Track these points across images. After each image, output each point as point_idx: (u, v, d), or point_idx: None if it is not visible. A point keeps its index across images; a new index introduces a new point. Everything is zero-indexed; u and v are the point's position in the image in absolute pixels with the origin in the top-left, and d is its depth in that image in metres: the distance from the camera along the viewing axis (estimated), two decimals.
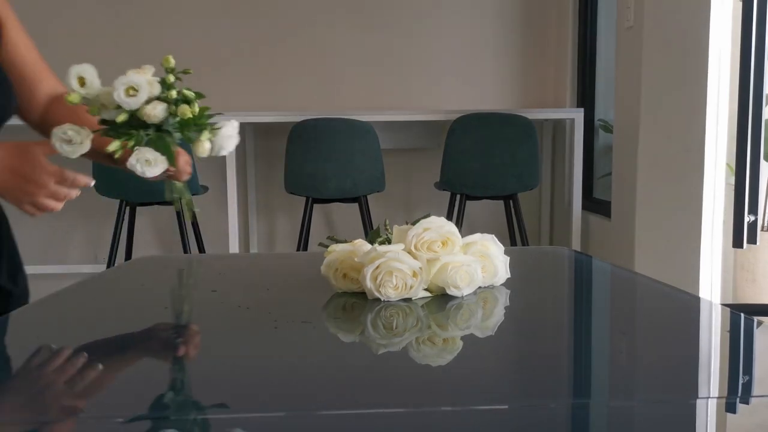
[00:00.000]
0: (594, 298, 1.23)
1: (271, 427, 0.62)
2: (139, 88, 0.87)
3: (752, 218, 2.33)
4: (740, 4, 2.33)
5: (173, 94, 0.93)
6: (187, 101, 0.94)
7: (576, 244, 3.69)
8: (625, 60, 2.97)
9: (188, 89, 0.98)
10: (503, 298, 1.07)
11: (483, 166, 3.49)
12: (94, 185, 1.17)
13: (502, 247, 1.08)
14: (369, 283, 0.97)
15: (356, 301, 1.00)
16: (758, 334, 0.91)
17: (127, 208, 3.54)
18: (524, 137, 3.50)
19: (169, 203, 1.31)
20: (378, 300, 0.98)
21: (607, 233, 3.33)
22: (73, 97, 0.92)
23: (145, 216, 3.99)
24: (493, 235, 1.09)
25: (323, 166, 3.37)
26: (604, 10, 3.81)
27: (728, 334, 0.93)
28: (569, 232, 3.77)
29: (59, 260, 4.07)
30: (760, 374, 0.76)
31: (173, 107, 0.92)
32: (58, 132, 0.96)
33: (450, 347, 0.84)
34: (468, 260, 1.01)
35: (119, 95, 0.87)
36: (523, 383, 0.73)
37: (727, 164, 2.65)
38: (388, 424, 0.62)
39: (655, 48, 2.72)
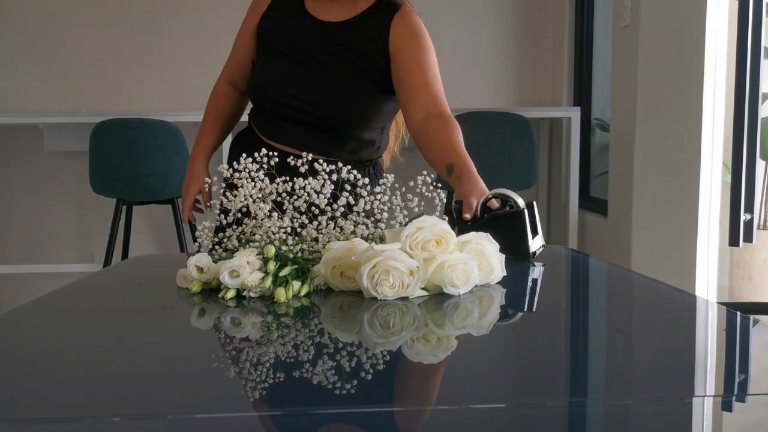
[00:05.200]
0: (590, 296, 1.24)
1: (268, 426, 0.62)
2: (241, 270, 1.01)
3: (748, 217, 2.33)
4: (736, 3, 2.33)
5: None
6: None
7: (572, 243, 3.69)
8: (622, 59, 2.97)
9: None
10: (499, 297, 1.07)
11: (480, 164, 3.46)
12: (91, 184, 1.23)
13: (497, 245, 1.08)
14: (366, 282, 0.97)
15: (353, 300, 1.00)
16: (754, 332, 0.91)
17: (124, 207, 3.54)
18: (521, 136, 3.50)
19: (166, 202, 1.36)
20: (375, 299, 0.98)
21: (604, 232, 3.33)
22: (194, 285, 1.07)
23: (141, 215, 3.98)
24: (488, 234, 1.09)
25: None
26: (600, 9, 3.80)
27: (724, 332, 0.93)
28: (566, 231, 3.77)
29: (56, 260, 4.06)
30: (756, 372, 0.76)
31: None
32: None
33: (446, 346, 0.84)
34: (464, 258, 1.01)
35: (224, 278, 1.02)
36: (519, 382, 0.73)
37: (724, 163, 2.66)
38: (384, 423, 0.62)
39: (652, 47, 2.73)
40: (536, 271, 1.27)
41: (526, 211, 1.29)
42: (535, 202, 1.33)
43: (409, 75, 1.72)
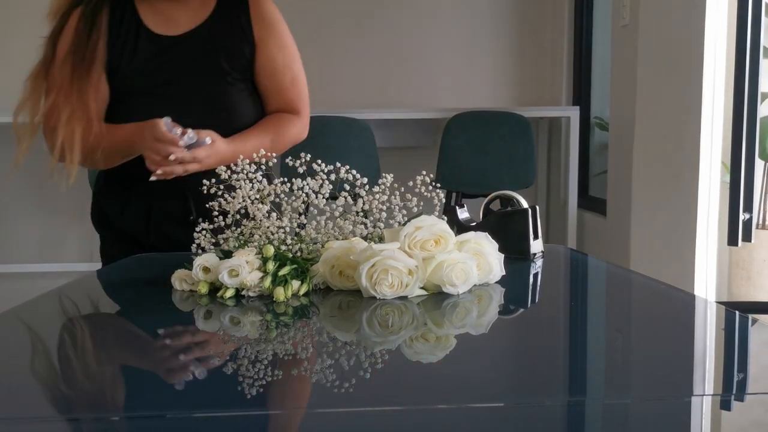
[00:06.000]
0: (589, 296, 1.24)
1: (267, 425, 0.62)
2: (240, 269, 1.01)
3: (747, 216, 2.33)
4: (735, 2, 2.33)
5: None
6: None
7: (571, 242, 3.69)
8: (621, 58, 2.97)
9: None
10: (498, 296, 1.07)
11: (478, 164, 3.49)
12: (91, 184, 1.23)
13: (496, 245, 1.09)
14: (364, 281, 0.97)
15: (352, 300, 1.00)
16: (753, 331, 0.91)
17: None
18: (520, 135, 3.50)
19: None
20: (374, 298, 0.98)
21: (603, 231, 3.33)
22: (202, 286, 1.05)
23: None
24: (487, 233, 1.09)
25: None
26: (599, 8, 3.80)
27: (723, 331, 0.94)
28: (565, 230, 3.77)
29: (55, 258, 4.06)
30: (754, 372, 0.76)
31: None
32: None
33: (445, 345, 0.85)
34: (463, 257, 1.01)
35: (223, 277, 1.01)
36: (518, 381, 0.73)
37: (722, 162, 2.66)
38: (384, 422, 0.62)
39: (651, 46, 2.72)
40: (535, 271, 1.27)
41: (529, 210, 1.30)
42: (537, 207, 1.33)
43: (268, 80, 1.64)
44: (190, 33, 1.60)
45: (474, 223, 1.35)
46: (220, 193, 1.15)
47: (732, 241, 2.34)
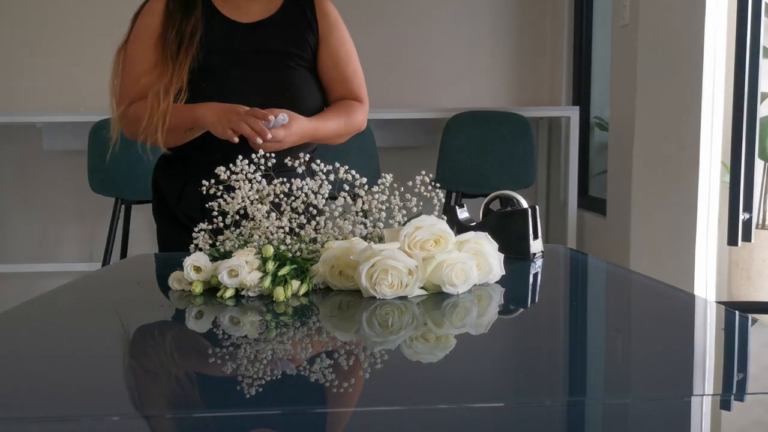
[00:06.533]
0: (589, 296, 1.24)
1: (266, 425, 0.62)
2: (239, 269, 1.01)
3: (747, 216, 2.33)
4: (735, 2, 2.33)
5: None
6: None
7: (571, 242, 3.69)
8: (621, 58, 2.97)
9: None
10: (498, 296, 1.07)
11: (478, 164, 3.49)
12: (90, 184, 1.23)
13: (495, 245, 1.09)
14: (364, 281, 0.97)
15: (352, 299, 1.00)
16: (753, 331, 0.91)
17: (123, 207, 3.53)
18: (520, 135, 3.50)
19: None
20: (374, 298, 0.98)
21: (603, 231, 3.33)
22: (196, 286, 1.04)
23: (140, 214, 3.98)
24: (487, 233, 1.09)
25: None
26: (599, 8, 3.80)
27: (723, 331, 0.94)
28: (564, 230, 3.77)
29: (54, 258, 4.06)
30: (754, 372, 0.76)
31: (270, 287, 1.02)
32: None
33: (445, 345, 0.85)
34: (463, 257, 1.01)
35: (223, 277, 1.01)
36: (518, 381, 0.73)
37: (722, 162, 2.66)
38: (383, 422, 0.62)
39: (651, 46, 2.72)
40: (535, 271, 1.27)
41: (529, 210, 1.30)
42: (537, 207, 1.33)
43: (332, 70, 1.77)
44: (260, 22, 1.72)
45: (474, 223, 1.35)
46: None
47: (732, 241, 2.34)
